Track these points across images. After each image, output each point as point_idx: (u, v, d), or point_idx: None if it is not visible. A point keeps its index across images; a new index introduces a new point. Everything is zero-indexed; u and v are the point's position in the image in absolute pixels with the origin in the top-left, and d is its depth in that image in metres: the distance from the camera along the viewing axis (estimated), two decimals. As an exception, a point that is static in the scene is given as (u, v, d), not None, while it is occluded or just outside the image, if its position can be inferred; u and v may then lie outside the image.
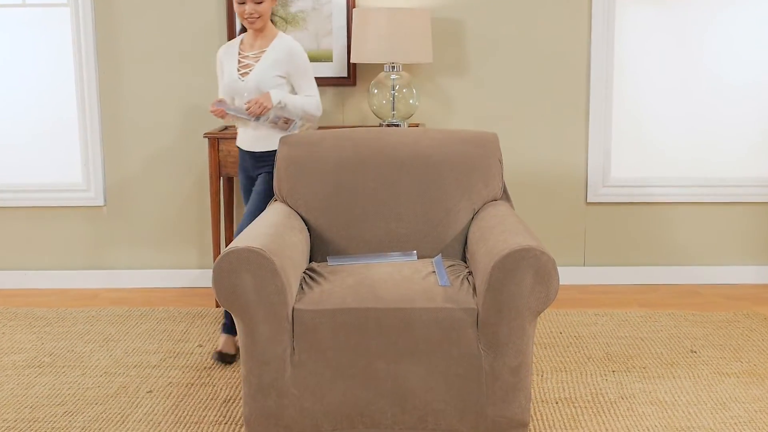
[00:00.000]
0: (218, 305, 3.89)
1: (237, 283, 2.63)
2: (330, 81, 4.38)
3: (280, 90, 3.40)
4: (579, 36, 4.38)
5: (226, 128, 4.17)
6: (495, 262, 2.61)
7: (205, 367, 3.48)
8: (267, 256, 2.63)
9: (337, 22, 4.34)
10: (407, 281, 2.79)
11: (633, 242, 4.55)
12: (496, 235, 2.82)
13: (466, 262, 3.12)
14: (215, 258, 4.10)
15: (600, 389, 3.23)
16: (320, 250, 3.25)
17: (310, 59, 4.36)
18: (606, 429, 2.92)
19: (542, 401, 3.13)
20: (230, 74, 3.46)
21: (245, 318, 2.66)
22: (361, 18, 4.04)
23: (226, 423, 2.99)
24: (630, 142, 4.48)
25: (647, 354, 3.56)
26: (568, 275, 4.52)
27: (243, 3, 3.37)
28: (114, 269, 4.61)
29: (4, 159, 4.56)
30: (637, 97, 4.45)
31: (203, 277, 4.54)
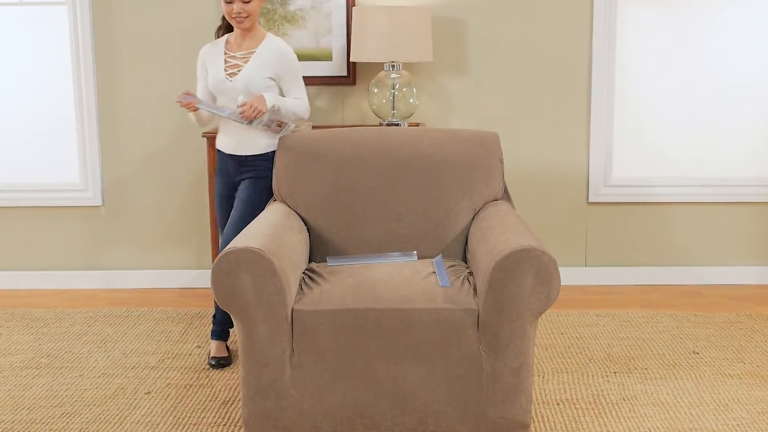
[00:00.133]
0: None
1: (236, 284, 2.63)
2: (329, 80, 4.38)
3: (271, 92, 3.37)
4: (580, 35, 4.38)
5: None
6: (496, 263, 2.61)
7: (204, 369, 3.48)
8: (266, 257, 2.63)
9: (337, 21, 4.34)
10: (407, 282, 2.79)
11: (635, 242, 4.55)
12: (497, 235, 2.82)
13: (467, 263, 3.12)
14: (214, 258, 4.10)
15: (601, 390, 3.23)
16: (320, 251, 3.25)
17: (310, 58, 4.40)
18: (607, 431, 2.92)
19: (543, 402, 3.13)
20: (216, 74, 3.41)
21: (244, 319, 2.66)
22: (361, 16, 4.04)
23: (225, 425, 2.99)
24: (631, 142, 4.48)
25: (649, 355, 3.56)
26: (570, 276, 4.52)
27: (231, 2, 3.32)
28: (112, 270, 4.61)
29: (1, 158, 4.55)
30: (639, 97, 4.45)
31: (202, 278, 4.54)
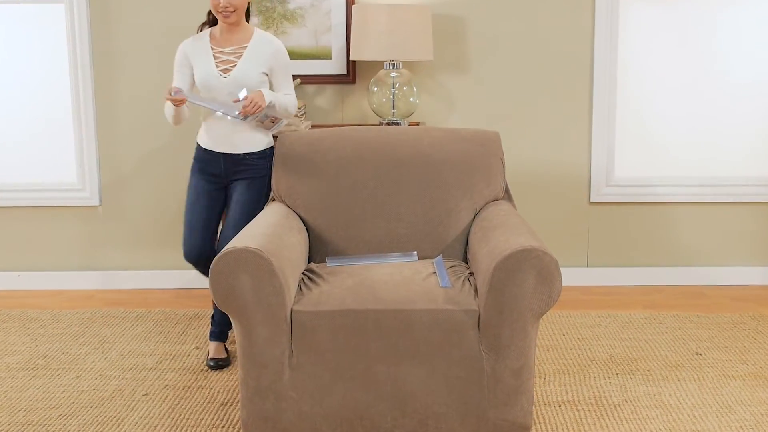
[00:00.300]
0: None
1: (234, 285, 2.63)
2: (329, 79, 4.38)
3: (265, 88, 3.38)
4: (582, 33, 4.38)
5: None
6: (497, 263, 2.61)
7: (202, 370, 3.48)
8: (265, 257, 2.63)
9: (336, 19, 4.35)
10: (407, 282, 2.79)
11: (637, 243, 4.55)
12: (498, 236, 2.82)
13: (468, 263, 3.12)
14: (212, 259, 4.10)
15: (603, 392, 3.23)
16: (319, 251, 3.25)
17: (309, 57, 4.40)
18: (609, 432, 2.92)
19: (545, 404, 3.13)
20: (207, 71, 3.36)
21: (243, 320, 2.66)
22: (361, 15, 4.04)
23: (224, 427, 2.99)
24: (634, 141, 4.48)
25: (651, 356, 3.56)
26: (571, 276, 4.52)
27: None
28: (109, 270, 4.61)
29: (-2, 158, 4.57)
30: (641, 96, 4.45)
31: (200, 278, 4.53)
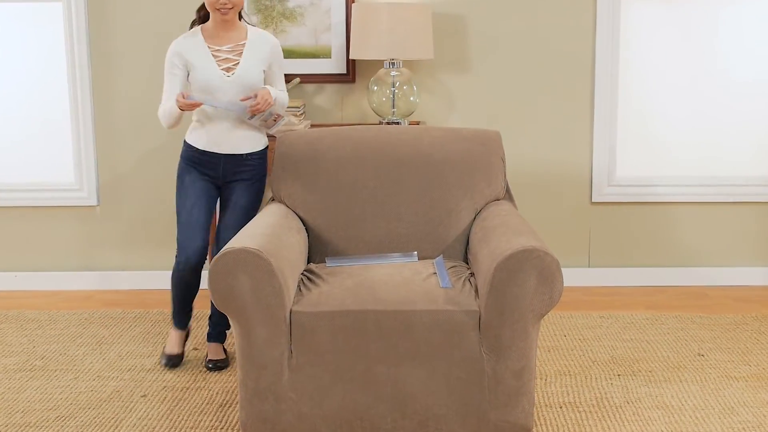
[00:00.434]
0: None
1: (233, 285, 2.63)
2: (329, 78, 4.38)
3: (266, 85, 3.39)
4: (583, 31, 4.38)
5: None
6: (497, 263, 2.61)
7: (201, 371, 3.48)
8: (264, 257, 2.63)
9: (336, 18, 4.35)
10: (408, 283, 2.79)
11: (639, 243, 4.55)
12: (499, 236, 2.82)
13: (468, 263, 3.12)
14: (211, 259, 4.10)
15: (605, 393, 3.23)
16: (319, 251, 3.25)
17: (309, 55, 4.40)
18: (611, 434, 2.92)
19: (546, 406, 3.13)
20: (209, 70, 3.31)
21: (242, 320, 2.66)
22: (361, 13, 4.04)
23: (223, 428, 2.99)
24: (636, 141, 4.48)
25: (653, 357, 3.56)
26: (573, 277, 4.52)
27: None
28: (107, 270, 4.61)
29: (-5, 158, 4.57)
30: (643, 95, 4.45)
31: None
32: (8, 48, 4.47)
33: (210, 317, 3.61)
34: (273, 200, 3.39)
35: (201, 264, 3.44)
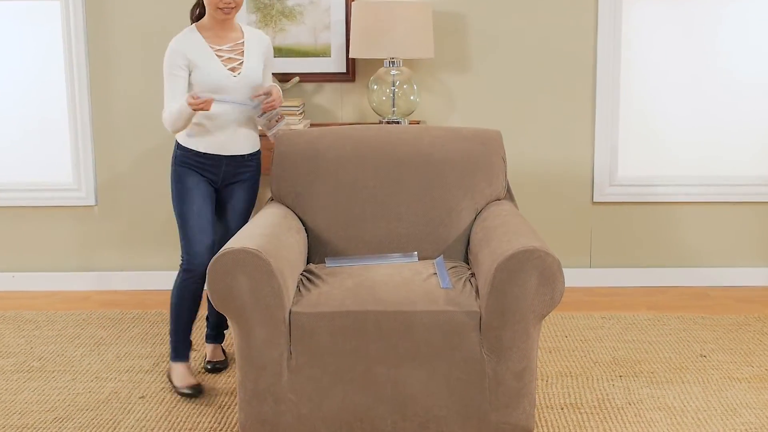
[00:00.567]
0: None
1: (232, 286, 2.63)
2: (328, 77, 4.38)
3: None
4: (585, 31, 4.38)
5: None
6: (498, 264, 2.61)
7: (200, 372, 3.48)
8: (263, 258, 2.63)
9: (336, 16, 4.35)
10: (408, 283, 2.79)
11: (641, 243, 4.55)
12: (500, 236, 2.82)
13: (469, 264, 3.12)
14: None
15: (607, 395, 3.23)
16: (318, 252, 3.25)
17: (308, 54, 4.40)
18: (613, 436, 2.92)
19: (547, 407, 3.13)
20: (216, 71, 3.25)
21: (241, 321, 2.66)
22: (361, 11, 4.04)
23: (221, 430, 2.99)
24: (637, 140, 4.48)
25: (655, 358, 3.56)
26: (574, 277, 4.52)
27: None
28: (105, 271, 4.61)
29: (-8, 157, 4.56)
30: (645, 94, 4.45)
31: (197, 279, 4.54)
32: (5, 47, 4.47)
33: (207, 318, 3.60)
34: (272, 200, 3.39)
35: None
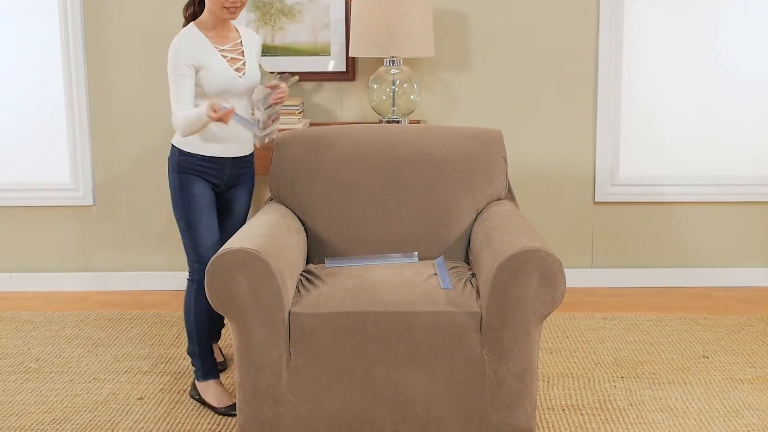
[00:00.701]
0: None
1: (231, 286, 2.63)
2: (328, 76, 4.38)
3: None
4: (586, 29, 4.38)
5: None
6: (499, 264, 2.61)
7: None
8: (262, 258, 2.63)
9: (335, 15, 4.34)
10: (408, 284, 2.79)
11: (642, 243, 4.55)
12: (501, 236, 2.82)
13: (469, 264, 3.12)
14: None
15: (608, 396, 3.23)
16: (318, 252, 3.25)
17: (308, 53, 4.40)
18: (614, 437, 2.92)
19: (548, 408, 3.13)
20: (224, 72, 3.16)
21: (240, 322, 2.66)
22: (360, 10, 4.04)
23: (220, 431, 2.99)
24: (639, 139, 4.48)
25: (657, 359, 3.56)
26: (575, 277, 4.52)
27: None
28: (103, 271, 4.61)
29: (-11, 157, 4.56)
30: (647, 93, 4.45)
31: (196, 280, 4.54)
32: (3, 46, 4.47)
33: None
34: (271, 200, 3.39)
35: None
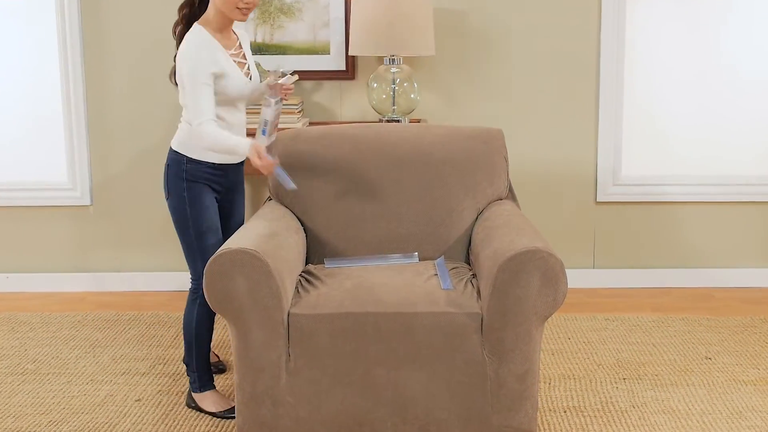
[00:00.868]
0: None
1: (230, 287, 2.63)
2: (327, 75, 4.38)
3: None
4: (588, 28, 4.38)
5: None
6: (500, 264, 2.61)
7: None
8: (261, 258, 2.63)
9: (335, 13, 4.34)
10: (408, 284, 2.79)
11: (644, 243, 4.55)
12: (502, 236, 2.82)
13: (470, 264, 3.12)
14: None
15: (610, 397, 3.23)
16: (317, 252, 3.25)
17: (307, 52, 4.40)
18: (616, 439, 2.92)
19: (550, 410, 3.13)
20: (240, 78, 3.05)
21: (238, 323, 2.66)
22: (360, 8, 4.04)
23: (219, 433, 2.99)
24: (641, 139, 4.48)
25: (659, 361, 3.56)
26: (577, 278, 4.52)
27: None
28: (101, 272, 4.61)
29: (-14, 156, 4.56)
30: (649, 92, 4.45)
31: (194, 280, 4.54)
32: (0, 45, 4.47)
33: None
34: (270, 200, 3.39)
35: None
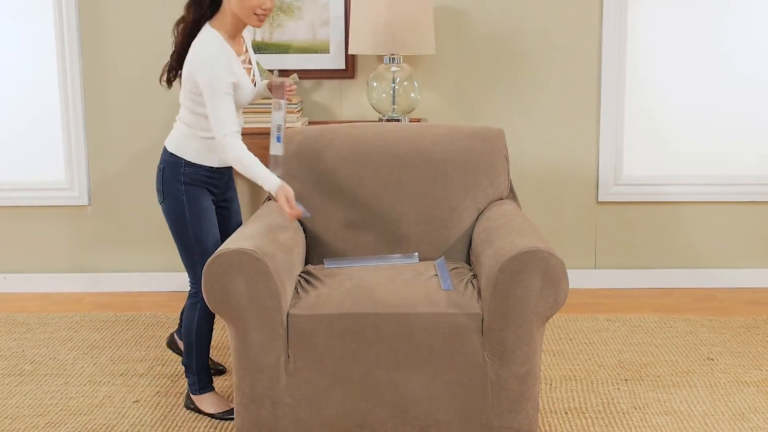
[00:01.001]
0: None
1: (228, 287, 2.63)
2: (327, 74, 4.38)
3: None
4: (589, 26, 4.38)
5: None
6: (501, 265, 2.61)
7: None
8: (260, 258, 2.63)
9: (335, 12, 4.35)
10: (408, 285, 2.79)
11: (646, 243, 4.55)
12: (503, 236, 2.82)
13: (471, 265, 3.12)
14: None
15: (612, 399, 3.23)
16: (316, 252, 3.25)
17: (306, 51, 4.40)
18: (618, 441, 2.92)
19: (551, 411, 3.13)
20: (249, 86, 3.04)
21: (237, 324, 2.66)
22: (360, 7, 4.04)
23: (217, 434, 2.99)
24: (643, 138, 4.48)
25: (661, 362, 3.56)
26: (578, 278, 4.52)
27: None
28: (99, 272, 4.61)
29: (-17, 156, 4.56)
30: (651, 91, 4.45)
31: (193, 281, 4.54)
32: (-3, 43, 4.48)
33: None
34: (269, 200, 3.39)
35: None
